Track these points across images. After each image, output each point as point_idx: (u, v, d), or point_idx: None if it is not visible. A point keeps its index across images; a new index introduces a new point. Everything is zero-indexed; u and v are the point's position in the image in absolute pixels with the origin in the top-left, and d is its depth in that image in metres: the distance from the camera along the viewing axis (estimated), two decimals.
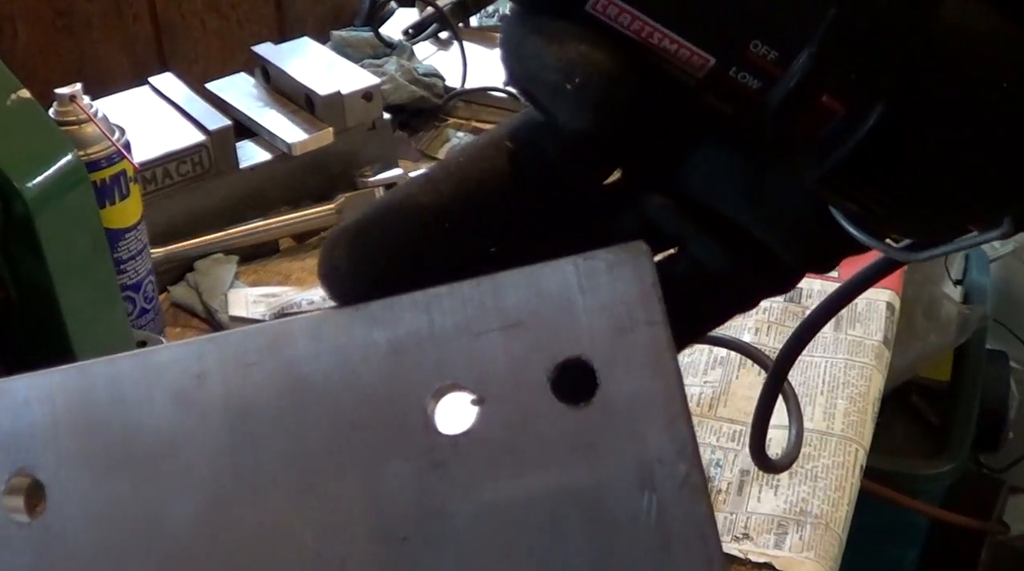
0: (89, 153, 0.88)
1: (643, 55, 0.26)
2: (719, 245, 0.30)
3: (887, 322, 1.05)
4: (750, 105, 0.26)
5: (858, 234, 0.28)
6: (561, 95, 0.26)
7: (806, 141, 0.26)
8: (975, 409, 1.58)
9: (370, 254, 0.29)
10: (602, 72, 0.26)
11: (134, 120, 1.05)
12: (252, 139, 1.18)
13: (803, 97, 0.26)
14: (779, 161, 0.27)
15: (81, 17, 1.24)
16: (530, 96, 0.27)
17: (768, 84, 0.26)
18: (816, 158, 0.26)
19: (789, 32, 0.25)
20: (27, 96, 0.75)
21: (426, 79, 1.36)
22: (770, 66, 0.26)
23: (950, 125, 0.26)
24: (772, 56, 0.25)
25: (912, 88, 0.25)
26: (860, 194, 0.27)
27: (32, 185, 0.72)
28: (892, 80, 0.25)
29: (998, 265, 1.87)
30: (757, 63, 0.26)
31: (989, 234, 0.27)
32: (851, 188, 0.27)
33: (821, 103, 0.26)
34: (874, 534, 1.25)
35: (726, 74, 0.26)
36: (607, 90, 0.26)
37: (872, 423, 0.96)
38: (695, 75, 0.26)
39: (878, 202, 0.27)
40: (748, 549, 0.82)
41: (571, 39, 0.26)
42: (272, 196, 1.16)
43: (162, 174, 1.09)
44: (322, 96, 1.17)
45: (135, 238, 0.95)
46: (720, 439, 0.92)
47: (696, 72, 0.26)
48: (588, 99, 0.26)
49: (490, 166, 0.29)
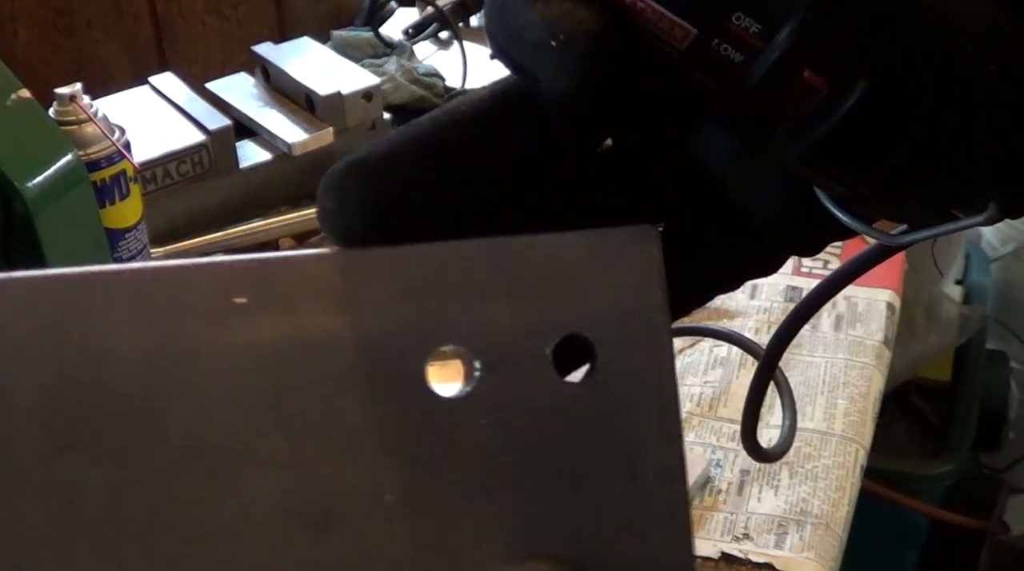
0: (89, 153, 0.88)
1: (627, 23, 0.26)
2: (708, 217, 0.30)
3: (887, 322, 1.05)
4: (732, 79, 0.26)
5: (842, 215, 0.28)
6: (545, 53, 0.26)
7: (787, 116, 0.26)
8: (975, 409, 1.58)
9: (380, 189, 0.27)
10: (587, 29, 0.25)
11: (134, 120, 1.05)
12: (252, 139, 1.18)
13: (784, 71, 0.25)
14: (761, 137, 0.27)
15: (81, 17, 1.24)
16: (512, 61, 0.27)
17: (751, 57, 0.25)
18: (798, 135, 0.26)
19: (773, 5, 0.25)
20: (27, 96, 0.75)
21: (426, 79, 1.36)
22: (753, 39, 0.25)
23: (935, 107, 0.25)
24: (755, 29, 0.25)
25: (897, 68, 0.25)
26: (843, 175, 0.27)
27: (32, 185, 0.72)
28: (876, 59, 0.25)
29: (998, 265, 1.87)
30: (740, 36, 0.25)
31: (974, 219, 0.27)
32: (834, 168, 0.27)
33: (803, 78, 0.25)
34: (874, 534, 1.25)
35: (709, 46, 0.26)
36: (591, 47, 0.26)
37: (872, 423, 0.96)
38: (678, 46, 0.26)
39: (861, 183, 0.27)
40: (748, 549, 0.82)
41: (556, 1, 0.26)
42: (272, 196, 1.16)
43: (162, 174, 1.09)
44: (322, 96, 1.17)
45: (135, 238, 0.95)
46: (720, 439, 0.92)
47: (679, 43, 0.26)
48: (572, 56, 0.25)
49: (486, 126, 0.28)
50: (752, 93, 0.26)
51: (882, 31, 0.25)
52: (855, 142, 0.26)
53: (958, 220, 0.27)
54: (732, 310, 1.06)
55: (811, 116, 0.26)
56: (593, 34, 0.26)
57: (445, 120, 0.28)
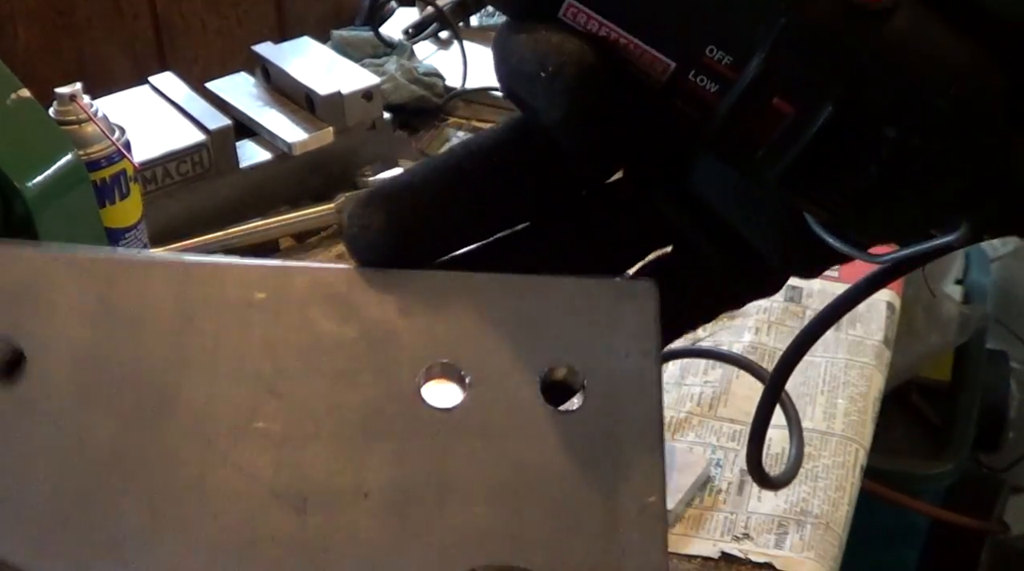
0: (89, 152, 0.88)
1: (614, 57, 0.28)
2: (714, 244, 0.32)
3: (887, 322, 1.05)
4: (710, 108, 0.28)
5: (828, 238, 0.29)
6: (538, 83, 0.28)
7: (762, 142, 0.27)
8: (975, 409, 1.58)
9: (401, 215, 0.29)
10: (574, 61, 0.27)
11: (134, 119, 1.05)
12: (252, 139, 1.18)
13: (754, 99, 0.27)
14: (744, 163, 0.28)
15: (81, 17, 1.24)
16: (514, 95, 0.29)
17: (725, 88, 0.27)
18: (773, 159, 0.28)
19: (743, 38, 0.27)
20: (27, 95, 0.75)
21: (426, 79, 1.36)
22: (725, 70, 0.27)
23: (899, 130, 0.26)
24: (727, 60, 0.27)
25: (859, 93, 0.26)
26: (820, 197, 0.28)
27: (32, 184, 0.72)
28: (839, 85, 0.26)
29: (999, 265, 1.87)
30: (713, 67, 0.27)
31: (947, 239, 0.28)
32: (810, 191, 0.28)
33: (772, 105, 0.27)
34: (874, 534, 1.25)
35: (686, 78, 0.27)
36: (579, 77, 0.27)
37: (872, 423, 0.96)
38: (659, 79, 0.28)
39: (837, 205, 0.28)
40: (748, 549, 0.82)
41: (546, 33, 0.28)
42: (272, 196, 1.16)
43: (162, 173, 1.09)
44: (322, 96, 1.17)
45: (135, 238, 0.95)
46: (720, 439, 0.92)
47: (660, 76, 0.28)
48: (561, 85, 0.28)
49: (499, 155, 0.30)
50: (726, 119, 0.27)
51: (844, 60, 0.26)
52: (826, 165, 0.27)
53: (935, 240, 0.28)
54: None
55: (781, 140, 0.27)
56: (580, 65, 0.28)
57: (461, 153, 0.30)
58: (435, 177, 0.30)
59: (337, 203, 1.16)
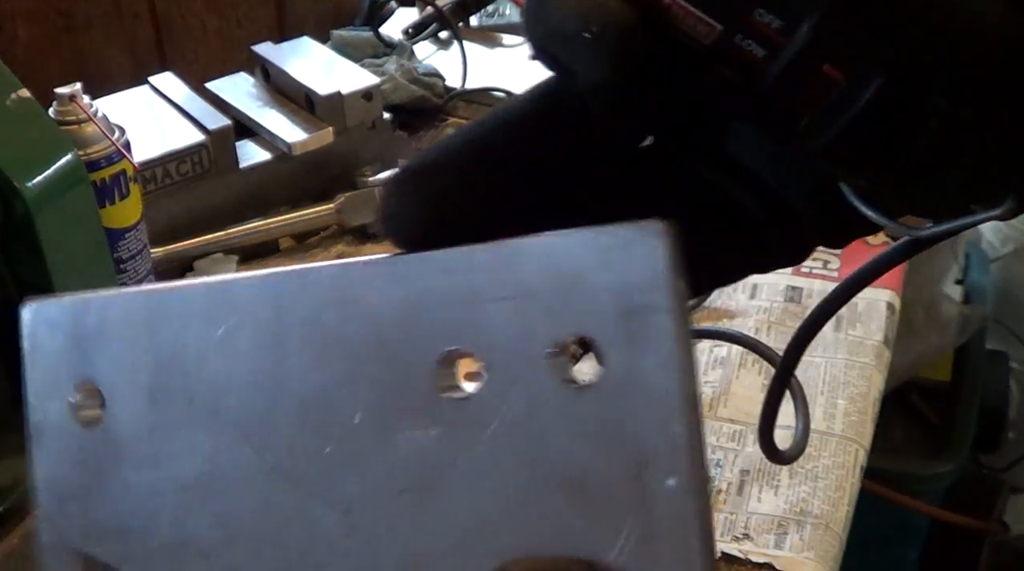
0: (89, 153, 0.88)
1: (657, 19, 0.27)
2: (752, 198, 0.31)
3: (887, 322, 1.05)
4: (756, 73, 0.27)
5: (864, 208, 0.29)
6: (579, 44, 0.27)
7: (809, 110, 0.27)
8: (975, 409, 1.58)
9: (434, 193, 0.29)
10: (617, 21, 0.27)
11: (134, 120, 1.05)
12: (252, 139, 1.18)
13: (804, 65, 0.26)
14: (787, 130, 0.28)
15: (81, 17, 1.24)
16: (550, 57, 0.28)
17: (772, 52, 0.26)
18: (819, 127, 0.27)
19: (793, 2, 0.26)
20: (27, 96, 0.75)
21: (426, 79, 1.36)
22: (774, 34, 0.26)
23: (950, 101, 0.26)
24: (776, 24, 0.26)
25: (911, 62, 0.26)
26: (863, 167, 0.28)
27: (32, 185, 0.72)
28: (891, 53, 0.26)
29: (999, 265, 1.87)
30: (762, 31, 0.26)
31: (991, 213, 0.28)
32: (854, 160, 0.28)
33: (822, 72, 0.26)
34: (874, 534, 1.25)
35: (732, 41, 0.27)
36: (622, 37, 0.27)
37: (872, 423, 0.96)
38: (704, 42, 0.27)
39: (881, 176, 0.28)
40: (748, 549, 0.82)
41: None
42: (272, 196, 1.16)
43: (162, 174, 1.09)
44: (322, 96, 1.17)
45: (135, 238, 0.95)
46: (720, 439, 0.92)
47: (704, 39, 0.27)
48: (605, 46, 0.27)
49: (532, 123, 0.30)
50: (774, 87, 0.27)
51: (897, 27, 0.26)
52: (874, 135, 0.27)
53: (976, 214, 0.28)
54: (732, 310, 1.06)
55: (831, 109, 0.27)
56: (624, 25, 0.27)
57: (491, 124, 0.30)
58: (465, 153, 0.29)
59: (337, 203, 1.16)
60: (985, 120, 0.26)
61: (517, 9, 1.58)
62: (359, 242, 1.17)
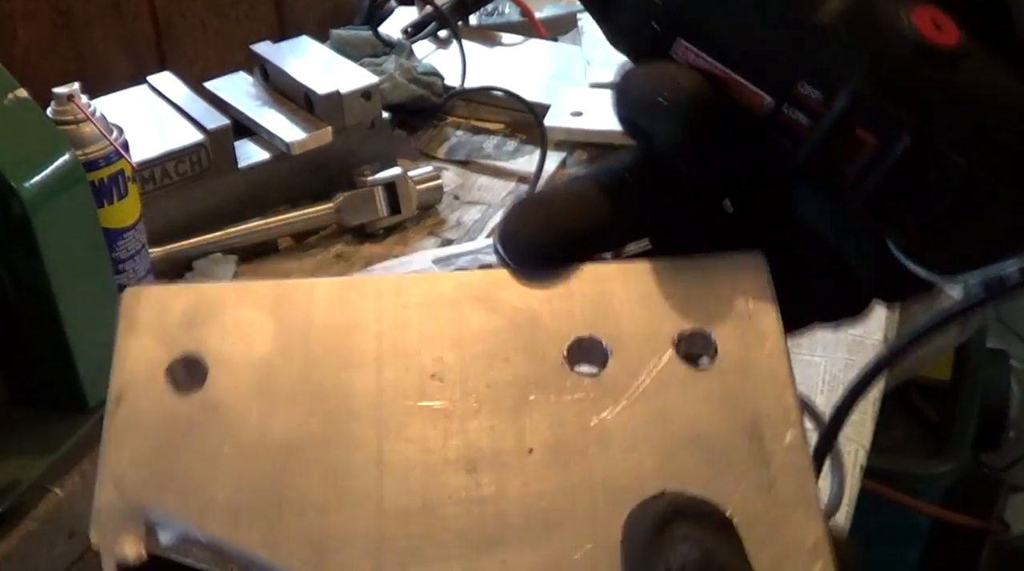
0: (87, 153, 0.88)
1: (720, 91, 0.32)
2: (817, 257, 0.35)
3: (887, 321, 1.05)
4: (802, 139, 0.31)
5: (908, 262, 0.32)
6: (657, 110, 0.32)
7: (847, 170, 0.31)
8: (975, 408, 1.58)
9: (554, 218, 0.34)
10: (688, 89, 0.32)
11: (132, 119, 1.05)
12: (251, 138, 1.18)
13: (841, 130, 0.31)
14: (832, 190, 0.32)
15: (81, 17, 1.24)
16: (632, 126, 0.33)
17: (815, 120, 0.31)
18: (857, 186, 0.31)
19: (831, 75, 0.31)
20: (24, 96, 0.75)
21: (425, 78, 1.36)
22: (815, 104, 0.31)
23: (969, 160, 0.30)
24: (817, 96, 0.31)
25: (935, 126, 0.30)
26: (899, 223, 0.32)
27: (30, 185, 0.72)
28: (915, 118, 0.30)
29: None
30: (805, 102, 0.31)
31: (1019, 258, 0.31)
32: (891, 216, 0.32)
33: (856, 135, 0.31)
34: (874, 534, 1.25)
35: (781, 111, 0.31)
36: (693, 104, 0.32)
37: (872, 423, 0.95)
38: (758, 112, 0.32)
39: (915, 230, 0.32)
40: None
41: (663, 66, 0.32)
42: (271, 195, 1.16)
43: (160, 173, 1.09)
44: (321, 95, 1.17)
45: (133, 238, 0.95)
46: None
47: (759, 110, 0.32)
48: (678, 111, 0.32)
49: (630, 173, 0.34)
50: (816, 149, 0.31)
51: (919, 96, 0.30)
52: (905, 192, 0.31)
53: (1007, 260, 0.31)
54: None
55: (865, 168, 0.31)
56: (694, 93, 0.32)
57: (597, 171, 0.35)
58: (579, 189, 0.34)
59: (336, 202, 1.16)
60: (1000, 179, 0.30)
61: (516, 8, 1.58)
62: (358, 241, 1.17)
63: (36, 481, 0.77)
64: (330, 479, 0.31)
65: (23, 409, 0.80)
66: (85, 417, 0.80)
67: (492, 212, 1.22)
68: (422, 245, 1.17)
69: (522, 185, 1.26)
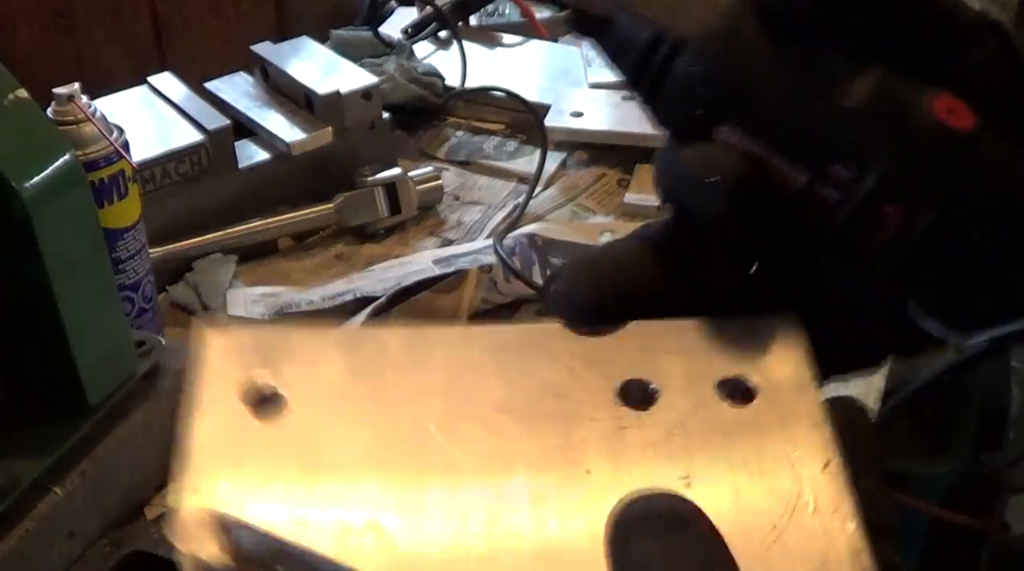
0: (87, 153, 0.88)
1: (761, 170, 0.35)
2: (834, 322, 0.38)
3: None
4: (833, 213, 0.34)
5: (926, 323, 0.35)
6: (703, 189, 0.35)
7: (875, 242, 0.34)
8: (975, 409, 1.58)
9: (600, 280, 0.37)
10: (732, 169, 0.34)
11: (133, 119, 1.05)
12: (251, 138, 1.18)
13: (870, 206, 0.33)
14: (859, 260, 0.35)
15: (81, 17, 1.24)
16: (677, 202, 0.36)
17: (845, 196, 0.34)
18: (885, 257, 0.34)
19: (861, 157, 0.33)
20: (24, 96, 0.75)
21: (425, 78, 1.36)
22: (846, 182, 0.34)
23: (985, 231, 0.33)
24: (847, 174, 0.34)
25: (955, 202, 0.33)
26: (926, 287, 0.34)
27: (30, 185, 0.72)
28: (940, 195, 0.33)
29: None
30: (837, 180, 0.34)
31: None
32: (918, 283, 0.34)
33: (885, 211, 0.33)
34: None
35: (814, 188, 0.34)
36: (737, 182, 0.34)
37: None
38: (793, 188, 0.34)
39: (940, 292, 0.34)
40: None
41: (708, 148, 0.35)
42: (271, 195, 1.16)
43: (161, 174, 1.09)
44: (321, 95, 1.17)
45: (133, 238, 0.95)
46: None
47: (792, 186, 0.34)
48: (723, 189, 0.34)
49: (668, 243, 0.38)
50: (846, 223, 0.34)
51: (942, 175, 0.33)
52: (926, 260, 0.34)
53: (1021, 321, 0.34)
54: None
55: (891, 240, 0.34)
56: (738, 173, 0.35)
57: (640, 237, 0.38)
58: (624, 252, 0.38)
59: (336, 203, 1.16)
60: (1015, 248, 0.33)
61: (516, 9, 1.58)
62: (358, 242, 1.17)
63: (36, 481, 0.77)
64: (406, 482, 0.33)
65: (23, 409, 0.80)
66: (85, 417, 0.80)
67: (492, 212, 1.22)
68: (422, 245, 1.17)
69: (522, 185, 1.26)
